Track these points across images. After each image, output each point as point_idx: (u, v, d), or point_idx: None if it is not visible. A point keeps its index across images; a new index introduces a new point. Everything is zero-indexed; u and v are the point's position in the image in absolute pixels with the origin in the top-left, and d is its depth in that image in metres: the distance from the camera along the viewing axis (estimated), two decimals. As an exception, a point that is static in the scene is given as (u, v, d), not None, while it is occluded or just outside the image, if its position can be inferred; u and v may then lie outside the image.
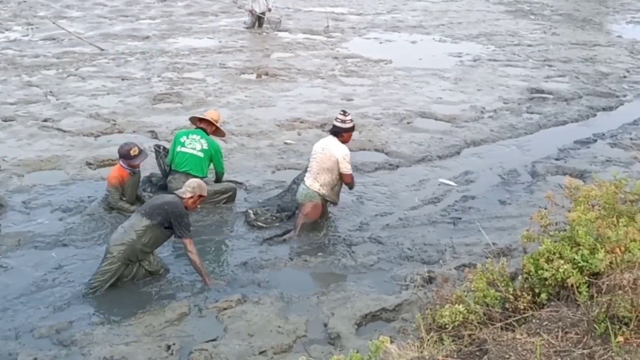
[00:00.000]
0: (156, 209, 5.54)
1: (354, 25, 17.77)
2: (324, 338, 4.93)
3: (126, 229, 5.53)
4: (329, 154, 6.38)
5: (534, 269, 3.23)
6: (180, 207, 5.57)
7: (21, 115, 9.57)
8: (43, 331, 4.94)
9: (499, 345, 3.02)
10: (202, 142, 6.96)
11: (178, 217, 5.49)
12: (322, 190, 6.42)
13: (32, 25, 15.58)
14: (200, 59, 13.32)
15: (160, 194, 6.19)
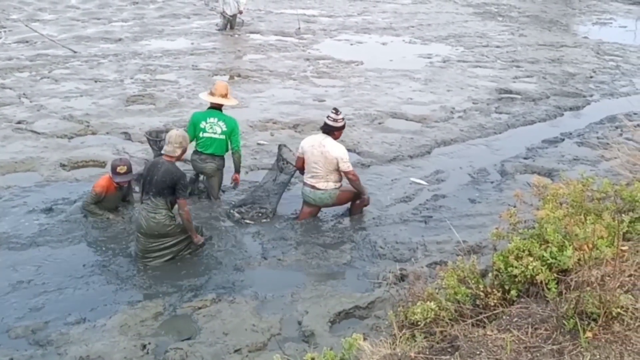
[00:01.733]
0: (161, 186, 5.62)
1: (325, 27, 17.71)
2: (298, 336, 4.89)
3: (153, 210, 5.65)
4: (330, 156, 6.40)
5: (504, 266, 3.21)
6: (176, 173, 5.66)
7: (-5, 118, 9.32)
8: (19, 331, 4.85)
9: (470, 342, 2.99)
10: (220, 125, 6.99)
11: (179, 182, 5.63)
12: (337, 184, 6.61)
13: (5, 28, 15.19)
14: (172, 60, 13.13)
15: (151, 164, 5.92)
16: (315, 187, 6.56)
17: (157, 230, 5.68)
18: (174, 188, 5.63)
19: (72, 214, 6.56)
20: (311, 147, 6.52)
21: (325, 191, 6.57)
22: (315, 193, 6.58)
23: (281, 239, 6.38)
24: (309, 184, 6.61)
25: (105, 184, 6.51)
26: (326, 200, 6.64)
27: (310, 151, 6.52)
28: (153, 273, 5.68)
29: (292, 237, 6.43)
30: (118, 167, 6.45)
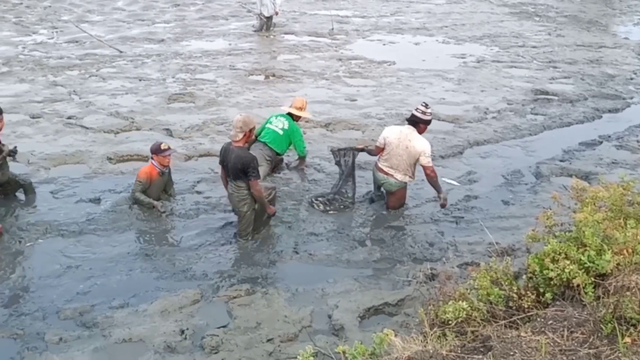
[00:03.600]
0: (235, 171, 5.81)
1: (358, 27, 17.56)
2: (328, 329, 4.88)
3: (235, 190, 5.91)
4: (413, 150, 6.41)
5: (539, 269, 3.09)
6: (246, 157, 5.79)
7: (47, 113, 9.51)
8: (68, 313, 4.98)
9: (503, 342, 2.89)
10: (284, 123, 7.53)
11: (249, 166, 5.76)
12: (411, 181, 6.70)
13: (57, 29, 15.48)
14: (211, 60, 13.19)
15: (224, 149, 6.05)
16: (393, 176, 6.61)
17: (235, 206, 5.99)
18: (245, 171, 5.76)
19: (118, 205, 6.67)
20: (397, 140, 6.49)
21: (399, 181, 6.62)
22: (389, 180, 6.65)
23: (312, 234, 6.35)
24: (384, 171, 6.63)
25: (149, 171, 6.63)
26: (394, 188, 6.68)
27: (395, 144, 6.50)
28: (191, 263, 5.73)
29: (322, 232, 6.39)
30: (161, 144, 6.64)
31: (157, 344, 4.60)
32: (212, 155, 8.28)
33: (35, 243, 5.97)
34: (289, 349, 4.54)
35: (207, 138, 8.80)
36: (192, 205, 6.82)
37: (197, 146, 8.49)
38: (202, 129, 9.11)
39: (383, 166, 6.67)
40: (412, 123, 6.48)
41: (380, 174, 6.71)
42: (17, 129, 8.80)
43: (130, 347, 4.61)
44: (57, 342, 4.60)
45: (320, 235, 6.32)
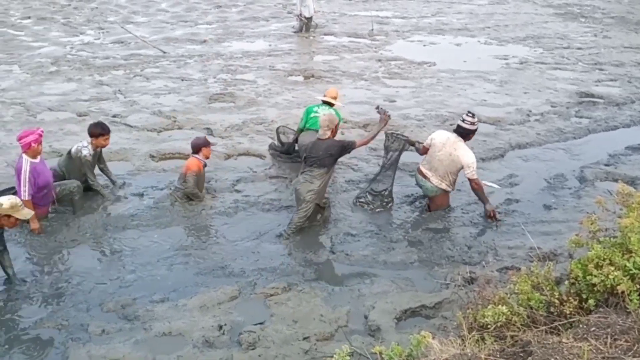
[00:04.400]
0: (323, 157, 6.19)
1: (398, 28, 17.47)
2: (364, 329, 4.88)
3: (309, 180, 6.22)
4: (457, 161, 6.43)
5: (582, 275, 3.02)
6: (338, 142, 6.31)
7: (93, 111, 9.79)
8: (110, 306, 5.11)
9: (544, 348, 2.84)
10: (325, 110, 7.73)
11: (343, 147, 6.26)
12: (449, 188, 6.65)
13: (103, 30, 15.92)
14: (251, 61, 13.34)
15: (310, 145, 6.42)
16: (429, 179, 6.62)
17: (304, 195, 6.20)
18: (342, 153, 6.28)
19: (160, 201, 6.82)
20: (442, 144, 6.55)
21: (436, 187, 6.61)
22: (426, 184, 6.67)
23: (348, 234, 6.36)
24: (423, 173, 6.67)
25: (197, 164, 6.83)
26: (431, 193, 6.70)
27: (439, 147, 6.54)
28: (230, 260, 5.82)
29: (359, 233, 6.39)
30: (205, 137, 7.05)
31: (196, 339, 4.69)
32: (251, 154, 8.40)
33: (82, 237, 6.16)
34: (325, 348, 4.56)
35: (246, 137, 8.92)
36: (231, 203, 6.92)
37: (237, 145, 8.61)
38: (241, 129, 9.24)
39: (423, 168, 6.68)
40: (460, 134, 6.50)
41: (419, 175, 6.73)
42: (65, 126, 9.10)
43: (169, 341, 4.71)
44: (99, 334, 4.73)
45: (356, 236, 6.33)
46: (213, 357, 4.48)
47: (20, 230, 6.05)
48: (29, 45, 14.07)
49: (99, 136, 6.83)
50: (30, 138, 6.06)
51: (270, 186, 7.45)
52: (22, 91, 10.68)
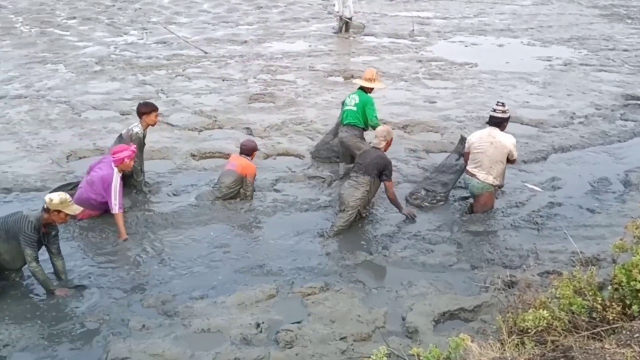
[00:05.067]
0: (370, 166, 6.38)
1: (439, 29, 17.36)
2: (401, 331, 4.88)
3: (354, 186, 6.39)
4: (500, 145, 6.51)
5: (626, 280, 2.98)
6: (386, 159, 6.50)
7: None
8: (151, 301, 5.23)
9: (585, 354, 2.82)
10: (355, 98, 7.73)
11: (386, 167, 6.42)
12: (495, 182, 6.62)
13: (147, 30, 16.31)
14: (291, 62, 13.46)
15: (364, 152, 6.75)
16: (474, 175, 6.63)
17: (346, 202, 6.35)
18: (382, 171, 6.35)
19: (200, 199, 6.95)
20: (479, 139, 6.63)
21: (482, 182, 6.61)
22: (472, 181, 6.68)
23: (387, 235, 6.37)
24: (470, 172, 6.72)
25: (254, 167, 7.09)
26: (476, 190, 6.69)
27: (477, 142, 6.62)
28: (268, 258, 5.90)
29: (397, 234, 6.40)
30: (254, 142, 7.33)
31: (234, 336, 4.77)
32: (290, 154, 8.50)
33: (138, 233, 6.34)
34: (362, 348, 4.58)
35: (285, 137, 9.02)
36: (270, 203, 7.02)
37: (276, 145, 8.72)
38: (281, 129, 9.34)
39: (469, 167, 6.73)
40: (495, 124, 6.57)
41: (467, 175, 6.80)
42: (108, 124, 9.37)
43: (208, 337, 4.79)
44: (140, 329, 4.84)
45: (394, 237, 6.34)
46: (250, 355, 4.55)
47: (66, 227, 6.26)
48: (74, 45, 14.53)
49: (150, 113, 7.05)
50: (125, 154, 6.27)
51: (309, 186, 7.53)
52: (68, 90, 11.05)
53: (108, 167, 6.30)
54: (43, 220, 5.19)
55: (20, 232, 5.08)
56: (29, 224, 5.10)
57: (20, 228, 5.09)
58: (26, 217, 5.15)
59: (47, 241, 5.35)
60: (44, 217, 5.18)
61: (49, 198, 5.16)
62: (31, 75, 11.90)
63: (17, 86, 11.23)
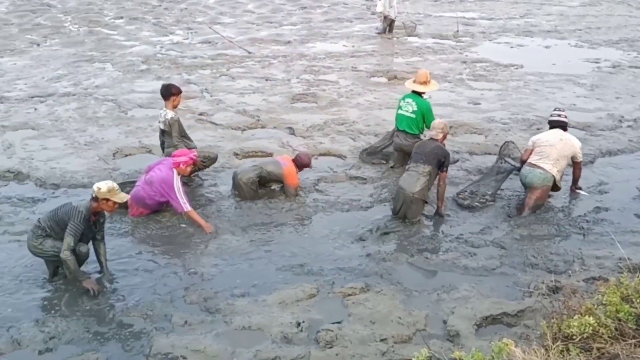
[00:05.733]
0: (431, 155, 6.50)
1: (484, 29, 17.12)
2: (443, 334, 4.87)
3: (414, 176, 6.49)
4: (570, 143, 6.78)
5: (678, 288, 2.91)
6: (445, 150, 6.66)
7: (181, 109, 10.10)
8: (193, 298, 5.33)
9: (633, 363, 2.77)
10: (412, 105, 7.79)
11: (446, 158, 6.54)
12: (557, 176, 6.71)
13: (192, 30, 16.61)
14: (334, 62, 13.51)
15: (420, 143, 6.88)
16: (537, 165, 6.71)
17: (412, 192, 6.44)
18: (442, 162, 6.46)
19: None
20: (546, 136, 6.90)
21: (544, 172, 6.66)
22: (534, 172, 6.72)
23: (429, 237, 6.36)
24: (531, 164, 6.78)
25: (298, 179, 7.25)
26: (537, 180, 6.69)
27: (545, 137, 6.87)
28: (308, 258, 5.96)
29: (440, 236, 6.38)
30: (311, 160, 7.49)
31: (275, 334, 4.83)
32: (331, 154, 8.55)
33: (169, 231, 6.50)
34: (403, 351, 4.59)
35: (327, 137, 9.07)
36: (311, 203, 7.08)
37: (318, 145, 8.78)
38: (323, 129, 9.40)
39: (532, 160, 6.80)
40: (559, 127, 6.93)
41: (527, 167, 6.82)
42: (154, 123, 9.55)
43: (249, 335, 4.87)
44: (182, 325, 4.95)
45: (436, 240, 6.32)
46: (291, 354, 4.60)
47: (112, 224, 6.45)
48: (121, 44, 14.91)
49: (177, 94, 7.27)
50: (182, 159, 6.47)
51: (351, 187, 7.56)
52: (114, 88, 11.36)
53: (167, 168, 6.47)
54: (92, 209, 5.39)
55: (70, 220, 5.27)
56: (79, 214, 5.29)
57: (70, 217, 5.29)
58: (76, 207, 5.34)
59: (97, 229, 5.56)
60: (92, 205, 5.38)
61: (97, 187, 5.35)
62: (79, 74, 12.29)
63: (65, 84, 11.61)
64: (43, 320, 4.98)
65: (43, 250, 5.37)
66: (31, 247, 5.42)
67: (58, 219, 5.37)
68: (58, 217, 5.38)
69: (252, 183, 7.05)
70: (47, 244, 5.36)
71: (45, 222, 5.41)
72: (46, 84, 11.62)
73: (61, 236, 5.31)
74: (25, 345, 4.71)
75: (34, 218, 6.55)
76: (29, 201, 7.02)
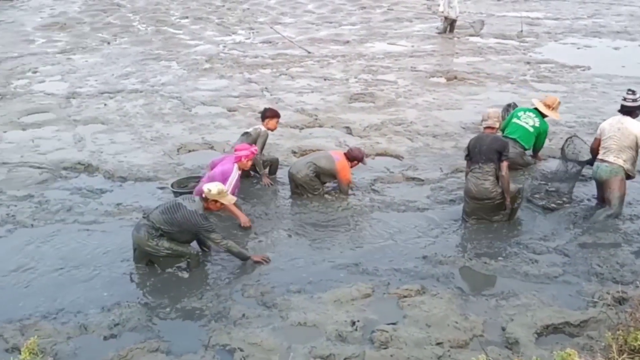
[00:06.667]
0: (490, 152, 6.35)
1: (550, 30, 16.60)
2: (501, 341, 4.73)
3: (480, 178, 6.35)
4: (627, 132, 6.47)
5: None
6: (502, 139, 6.65)
7: (242, 107, 10.45)
8: (251, 292, 5.41)
9: None
10: (535, 120, 7.77)
11: (504, 147, 6.38)
12: (626, 165, 6.52)
13: (253, 30, 16.89)
14: (393, 62, 13.42)
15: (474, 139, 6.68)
16: (604, 160, 6.55)
17: (485, 195, 6.30)
18: (501, 152, 6.29)
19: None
20: (610, 125, 6.64)
21: (610, 165, 6.50)
22: (600, 166, 6.58)
23: (489, 241, 6.19)
24: (599, 159, 6.63)
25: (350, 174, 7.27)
26: (605, 175, 6.54)
27: (608, 129, 6.61)
28: (365, 257, 5.93)
29: (500, 241, 6.20)
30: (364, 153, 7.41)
31: (329, 332, 4.83)
32: (388, 154, 8.49)
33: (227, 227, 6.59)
34: (459, 356, 4.49)
35: (384, 138, 9.02)
36: (368, 202, 7.05)
37: (375, 145, 8.74)
38: (380, 129, 9.35)
39: (599, 155, 6.63)
40: (626, 113, 6.54)
41: (596, 162, 6.65)
42: (216, 120, 9.82)
43: (304, 331, 4.89)
44: (240, 318, 5.02)
45: (496, 244, 6.15)
46: (345, 352, 4.59)
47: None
48: (186, 43, 15.32)
49: (273, 117, 7.58)
50: (244, 153, 6.65)
51: (407, 187, 7.48)
52: (179, 86, 11.69)
53: (229, 163, 6.65)
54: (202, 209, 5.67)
55: (197, 226, 5.56)
56: (200, 217, 5.59)
57: (195, 223, 5.56)
58: (195, 212, 5.58)
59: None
60: (203, 206, 5.67)
61: (207, 189, 5.66)
62: (146, 71, 12.71)
63: (133, 81, 12.04)
64: (109, 307, 5.16)
65: (158, 251, 5.63)
66: (143, 245, 5.62)
67: (177, 224, 5.59)
68: (176, 222, 5.59)
69: (311, 179, 7.09)
70: (163, 245, 5.61)
71: (161, 224, 5.61)
72: (115, 80, 12.08)
73: (176, 236, 5.62)
74: (91, 331, 4.90)
75: (102, 209, 6.86)
76: (98, 192, 7.32)
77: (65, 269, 5.75)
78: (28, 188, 7.41)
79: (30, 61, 13.58)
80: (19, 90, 11.53)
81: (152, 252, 5.64)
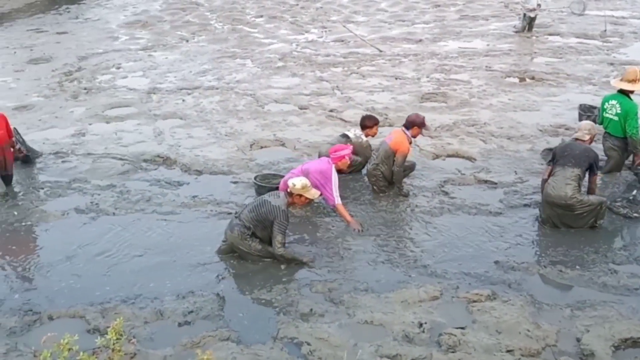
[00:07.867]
0: (582, 158, 6.20)
1: (636, 29, 15.68)
2: (575, 352, 4.57)
3: (561, 181, 6.16)
4: None
5: None
6: (594, 152, 6.36)
7: (313, 105, 10.52)
8: (319, 287, 5.47)
9: None
10: (616, 107, 7.39)
11: (597, 160, 6.26)
12: None
13: (326, 28, 16.94)
14: (467, 61, 13.10)
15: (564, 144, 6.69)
16: None
17: (565, 200, 6.12)
18: (592, 164, 6.18)
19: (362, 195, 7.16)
20: None
21: None
22: None
23: (564, 249, 5.97)
24: None
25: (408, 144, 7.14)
26: None
27: None
28: (431, 259, 5.86)
29: (575, 249, 5.97)
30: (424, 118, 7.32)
31: (396, 332, 4.82)
32: (460, 156, 8.32)
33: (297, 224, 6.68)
34: (531, 365, 4.38)
35: (456, 138, 8.84)
36: (437, 204, 6.95)
37: (446, 146, 8.59)
38: (452, 129, 9.18)
39: None
40: None
41: None
42: (288, 117, 9.94)
43: (371, 329, 4.90)
44: (307, 312, 5.10)
45: (572, 252, 5.91)
46: (412, 353, 4.56)
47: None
48: (260, 42, 15.56)
49: (373, 126, 7.67)
50: (345, 152, 6.72)
51: (479, 190, 7.31)
52: (253, 83, 11.90)
53: (326, 162, 6.66)
54: (287, 204, 5.79)
55: (275, 220, 5.67)
56: (283, 213, 5.70)
57: (275, 217, 5.68)
58: (279, 207, 5.71)
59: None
60: (287, 201, 5.78)
61: (292, 183, 5.79)
62: (222, 69, 13.02)
63: (210, 78, 12.37)
64: (184, 295, 5.36)
65: (250, 251, 5.81)
66: (237, 244, 5.81)
67: (261, 218, 5.75)
68: (261, 216, 5.75)
69: (381, 174, 7.13)
70: (255, 247, 5.79)
71: (250, 221, 5.78)
72: (193, 77, 12.46)
73: (263, 234, 5.76)
74: (167, 317, 5.11)
75: (179, 200, 7.12)
76: (175, 184, 7.60)
77: (144, 257, 6.02)
78: (111, 178, 7.80)
79: (114, 57, 14.23)
80: (104, 85, 12.11)
81: (245, 251, 5.80)
